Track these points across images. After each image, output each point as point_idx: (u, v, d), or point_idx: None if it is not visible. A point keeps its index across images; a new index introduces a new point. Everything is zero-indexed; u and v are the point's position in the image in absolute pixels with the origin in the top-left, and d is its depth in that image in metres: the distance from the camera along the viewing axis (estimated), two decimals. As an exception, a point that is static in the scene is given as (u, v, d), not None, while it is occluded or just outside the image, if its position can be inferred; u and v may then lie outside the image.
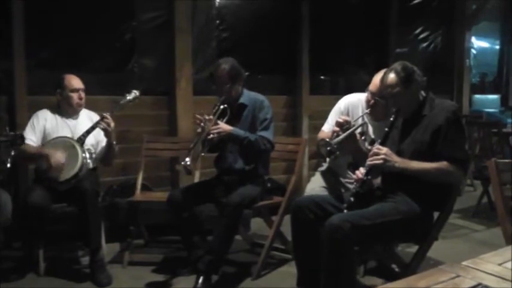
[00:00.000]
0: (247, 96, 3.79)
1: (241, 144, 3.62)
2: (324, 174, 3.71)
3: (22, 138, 3.20)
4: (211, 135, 3.48)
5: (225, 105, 3.62)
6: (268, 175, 4.00)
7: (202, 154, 3.65)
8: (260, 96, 3.80)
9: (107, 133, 3.78)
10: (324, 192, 3.51)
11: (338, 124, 3.09)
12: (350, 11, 6.51)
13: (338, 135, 3.03)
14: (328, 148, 2.98)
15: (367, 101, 3.39)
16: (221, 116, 3.60)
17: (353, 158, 3.23)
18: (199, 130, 3.51)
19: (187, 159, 3.33)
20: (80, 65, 4.55)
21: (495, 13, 8.92)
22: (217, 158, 3.90)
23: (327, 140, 3.02)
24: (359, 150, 3.06)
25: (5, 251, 3.94)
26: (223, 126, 3.54)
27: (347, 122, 3.08)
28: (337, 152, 2.98)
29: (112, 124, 3.75)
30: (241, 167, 3.74)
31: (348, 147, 3.07)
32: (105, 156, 3.99)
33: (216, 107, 3.62)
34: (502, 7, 9.06)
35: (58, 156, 3.57)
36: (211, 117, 3.54)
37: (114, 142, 3.89)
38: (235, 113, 3.70)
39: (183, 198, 3.57)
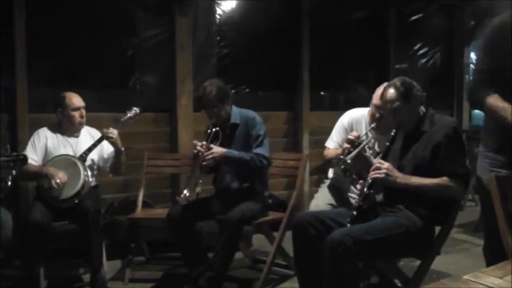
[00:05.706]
0: (238, 114, 3.78)
1: (237, 165, 3.63)
2: (329, 190, 3.70)
3: (25, 159, 3.18)
4: (206, 162, 3.50)
5: (217, 128, 3.64)
6: (268, 191, 3.99)
7: (200, 181, 3.63)
8: (251, 113, 3.80)
9: (112, 142, 3.79)
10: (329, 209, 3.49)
11: (349, 141, 3.09)
12: (350, 28, 6.53)
13: (350, 152, 3.03)
14: (343, 166, 2.97)
15: (372, 115, 3.40)
16: (214, 139, 3.62)
17: (356, 174, 3.22)
18: (191, 158, 3.57)
19: (185, 191, 3.38)
20: (81, 82, 4.57)
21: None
22: (215, 178, 3.91)
23: (341, 157, 3.01)
24: (369, 165, 3.05)
25: (5, 269, 3.93)
26: (217, 149, 3.55)
27: (358, 138, 3.09)
28: (352, 169, 2.98)
29: (115, 132, 3.76)
30: (238, 186, 3.74)
31: (360, 163, 3.07)
32: (115, 165, 3.97)
33: (208, 131, 3.64)
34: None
35: (60, 176, 3.57)
36: (204, 143, 3.55)
37: (122, 148, 3.88)
38: (227, 133, 3.71)
39: (183, 214, 3.57)
